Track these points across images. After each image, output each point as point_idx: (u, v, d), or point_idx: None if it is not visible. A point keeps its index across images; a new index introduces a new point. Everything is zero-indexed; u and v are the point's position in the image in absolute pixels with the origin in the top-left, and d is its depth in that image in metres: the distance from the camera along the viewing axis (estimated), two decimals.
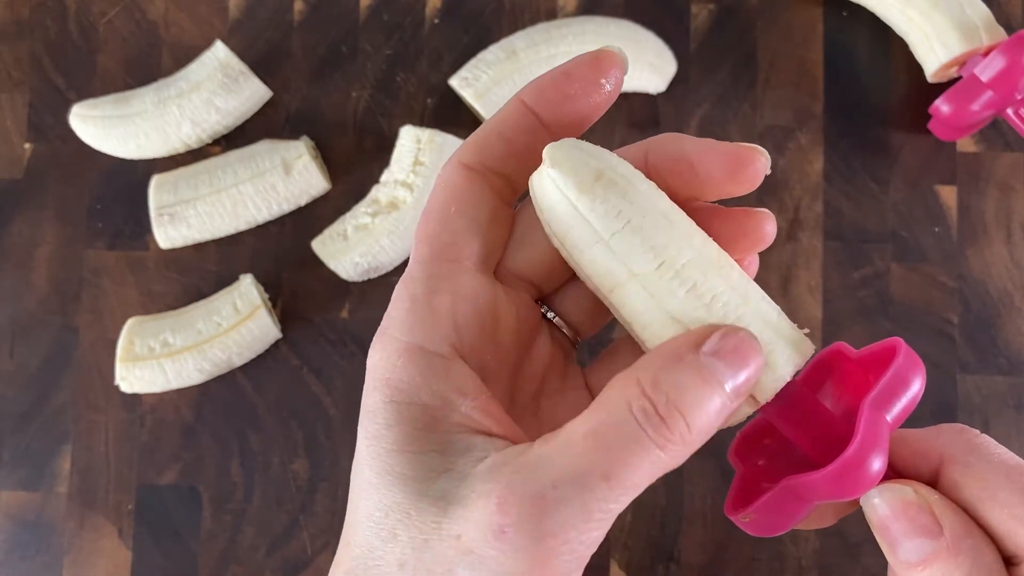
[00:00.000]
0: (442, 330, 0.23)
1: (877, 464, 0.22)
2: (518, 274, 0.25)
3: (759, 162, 0.23)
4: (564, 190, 0.22)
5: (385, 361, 0.23)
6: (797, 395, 0.23)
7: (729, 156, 0.24)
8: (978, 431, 0.24)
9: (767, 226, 0.24)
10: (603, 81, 0.25)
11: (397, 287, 0.24)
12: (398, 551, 0.21)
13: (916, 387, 0.23)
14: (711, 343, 0.22)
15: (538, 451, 0.21)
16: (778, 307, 0.24)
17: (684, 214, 0.23)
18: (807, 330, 0.24)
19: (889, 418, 0.22)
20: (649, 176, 0.23)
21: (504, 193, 0.25)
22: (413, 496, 0.21)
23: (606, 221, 0.22)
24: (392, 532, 0.21)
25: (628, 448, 0.20)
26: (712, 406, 0.21)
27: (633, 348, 0.25)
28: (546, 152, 0.23)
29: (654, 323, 0.23)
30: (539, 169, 0.23)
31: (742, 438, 0.26)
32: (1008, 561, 0.23)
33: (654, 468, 0.21)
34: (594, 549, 0.21)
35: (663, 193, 0.23)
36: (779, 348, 0.23)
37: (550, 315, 0.26)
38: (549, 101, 0.25)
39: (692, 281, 0.22)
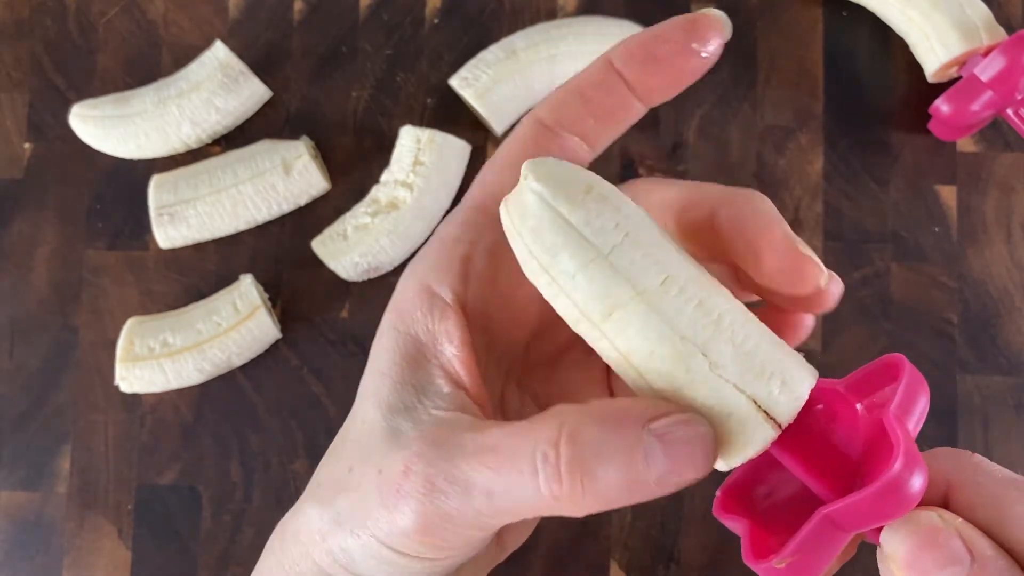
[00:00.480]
0: (452, 276, 0.23)
1: (919, 481, 0.20)
2: None
3: (819, 281, 0.23)
4: (554, 204, 0.20)
5: (402, 291, 0.24)
6: (809, 421, 0.21)
7: (790, 264, 0.23)
8: (971, 452, 0.23)
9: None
10: (696, 46, 0.24)
11: (440, 224, 0.24)
12: (357, 468, 0.23)
13: (924, 402, 0.21)
14: (663, 424, 0.20)
15: (463, 436, 0.21)
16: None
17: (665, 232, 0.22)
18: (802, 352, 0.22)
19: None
20: (701, 233, 0.23)
21: (577, 153, 0.24)
22: (381, 420, 0.23)
23: (605, 235, 0.20)
24: (366, 448, 0.23)
25: (516, 481, 0.20)
26: (620, 486, 0.20)
27: None
28: (526, 168, 0.21)
29: (661, 348, 0.20)
30: (516, 189, 0.21)
31: (727, 494, 0.24)
32: None
33: (537, 510, 0.21)
34: (480, 545, 0.23)
35: (644, 210, 0.22)
36: (793, 366, 0.21)
37: None
38: (637, 62, 0.24)
39: (697, 298, 0.20)
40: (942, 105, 0.43)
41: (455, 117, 0.47)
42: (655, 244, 0.21)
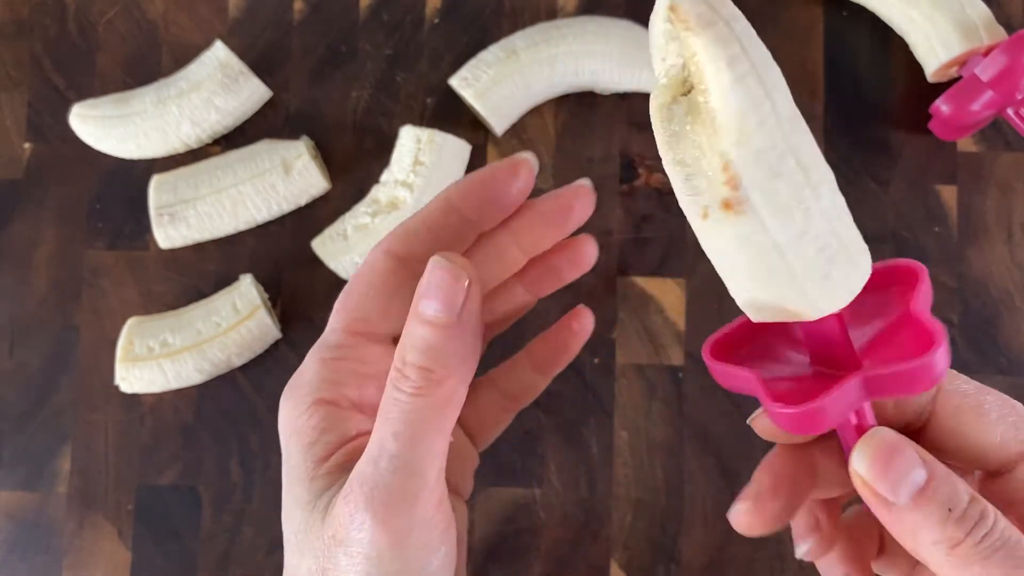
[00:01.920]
0: (345, 388, 0.27)
1: (947, 362, 0.23)
2: None
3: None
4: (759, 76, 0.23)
5: (295, 411, 0.27)
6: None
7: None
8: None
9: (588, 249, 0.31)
10: (518, 183, 0.29)
11: (311, 350, 0.28)
12: (306, 563, 0.26)
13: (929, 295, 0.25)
14: (421, 287, 0.25)
15: (363, 457, 0.25)
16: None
17: None
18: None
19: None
20: None
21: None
22: (308, 515, 0.26)
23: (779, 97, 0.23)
24: (300, 549, 0.26)
25: (407, 417, 0.24)
26: (422, 335, 0.25)
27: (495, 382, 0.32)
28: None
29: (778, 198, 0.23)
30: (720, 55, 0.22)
31: (720, 343, 0.27)
32: (996, 474, 0.25)
33: (424, 420, 0.24)
34: (441, 523, 0.25)
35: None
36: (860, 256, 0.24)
37: None
38: (472, 201, 0.29)
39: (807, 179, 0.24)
40: (942, 105, 0.43)
41: (455, 117, 0.47)
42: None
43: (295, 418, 0.27)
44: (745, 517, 0.28)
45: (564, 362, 0.33)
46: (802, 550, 0.29)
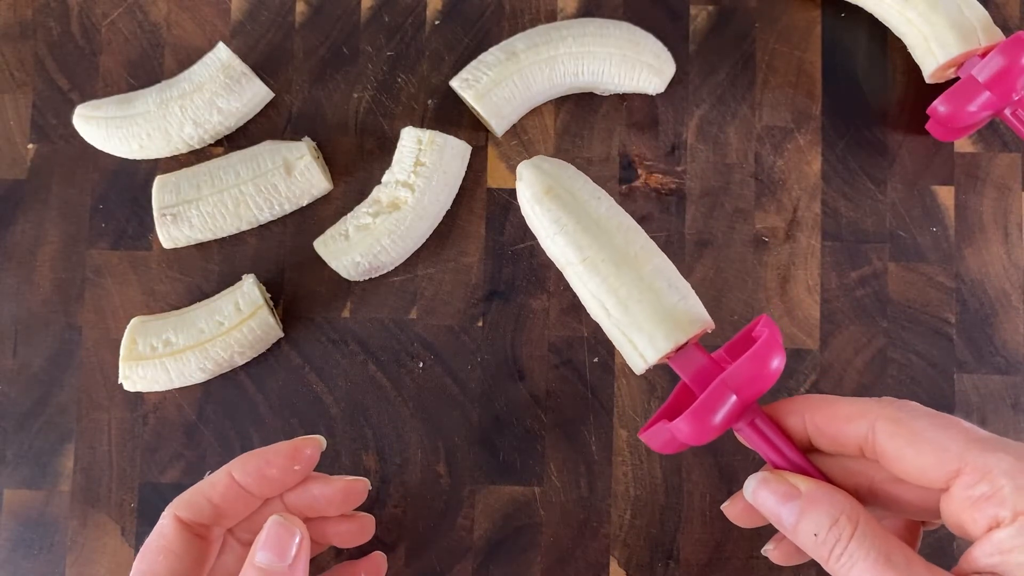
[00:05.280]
0: None
1: (779, 357, 0.31)
2: None
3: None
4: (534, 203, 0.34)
5: None
6: (693, 355, 0.33)
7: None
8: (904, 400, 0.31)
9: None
10: (296, 466, 0.35)
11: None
12: None
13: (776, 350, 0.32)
14: (257, 543, 0.32)
15: None
16: (683, 290, 0.33)
17: (623, 223, 0.34)
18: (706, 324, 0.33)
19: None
20: None
21: (211, 534, 0.35)
22: None
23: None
24: None
25: None
26: None
27: None
28: (523, 168, 0.34)
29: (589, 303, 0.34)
30: (520, 177, 0.35)
31: (651, 423, 0.34)
32: (944, 491, 0.29)
33: None
34: None
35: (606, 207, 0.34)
36: (658, 331, 0.32)
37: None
38: (253, 478, 0.34)
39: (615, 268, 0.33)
40: (940, 106, 0.43)
41: (456, 118, 0.47)
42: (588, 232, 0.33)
43: None
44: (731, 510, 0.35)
45: None
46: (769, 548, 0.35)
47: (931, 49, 0.44)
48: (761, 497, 0.31)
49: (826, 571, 0.30)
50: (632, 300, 0.32)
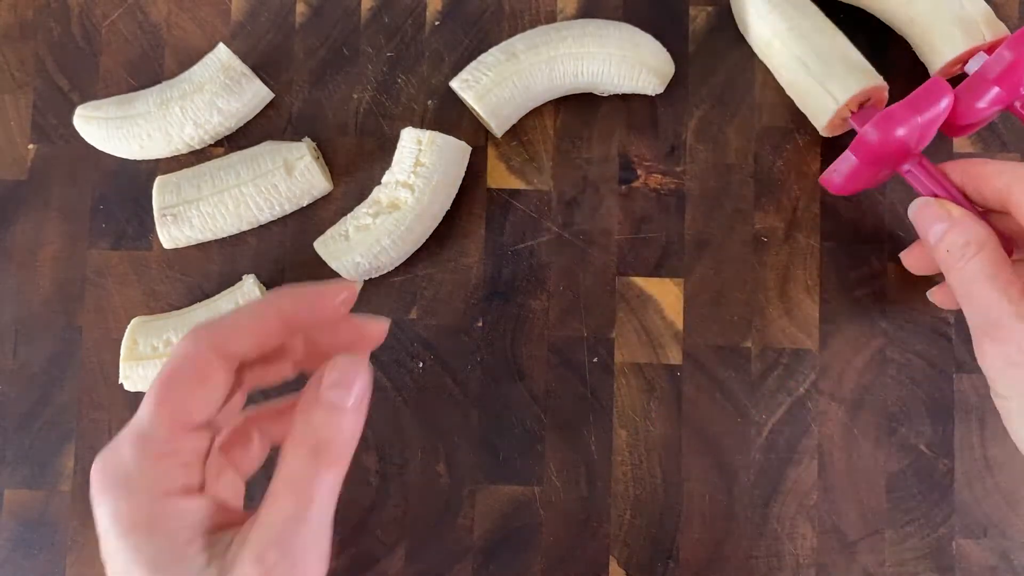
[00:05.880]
0: (177, 480, 0.29)
1: (947, 97, 0.39)
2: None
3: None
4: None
5: (140, 508, 0.28)
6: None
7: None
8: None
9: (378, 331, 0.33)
10: (339, 305, 0.32)
11: (132, 440, 0.29)
12: None
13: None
14: (327, 379, 0.29)
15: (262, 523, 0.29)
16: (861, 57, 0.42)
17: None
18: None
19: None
20: None
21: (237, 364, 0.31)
22: None
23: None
24: None
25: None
26: (345, 427, 0.29)
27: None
28: None
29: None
30: None
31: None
32: None
33: (330, 492, 0.30)
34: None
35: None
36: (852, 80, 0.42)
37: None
38: (306, 311, 0.31)
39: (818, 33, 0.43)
40: None
41: (456, 119, 0.47)
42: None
43: (142, 513, 0.28)
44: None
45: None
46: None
47: (935, 47, 0.43)
48: (921, 215, 0.39)
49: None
50: (830, 55, 0.42)
